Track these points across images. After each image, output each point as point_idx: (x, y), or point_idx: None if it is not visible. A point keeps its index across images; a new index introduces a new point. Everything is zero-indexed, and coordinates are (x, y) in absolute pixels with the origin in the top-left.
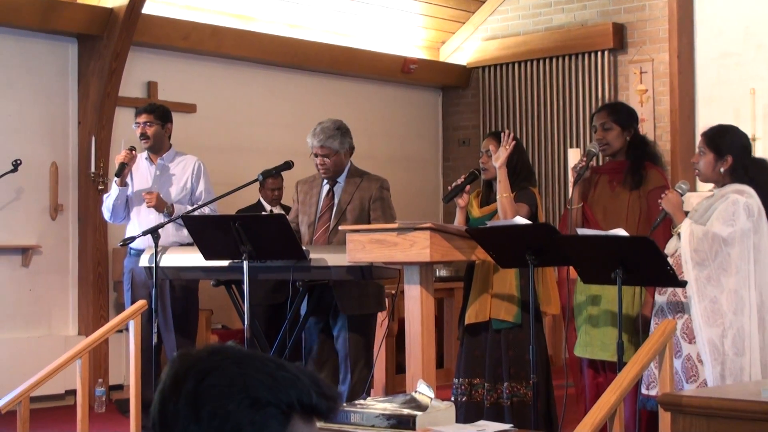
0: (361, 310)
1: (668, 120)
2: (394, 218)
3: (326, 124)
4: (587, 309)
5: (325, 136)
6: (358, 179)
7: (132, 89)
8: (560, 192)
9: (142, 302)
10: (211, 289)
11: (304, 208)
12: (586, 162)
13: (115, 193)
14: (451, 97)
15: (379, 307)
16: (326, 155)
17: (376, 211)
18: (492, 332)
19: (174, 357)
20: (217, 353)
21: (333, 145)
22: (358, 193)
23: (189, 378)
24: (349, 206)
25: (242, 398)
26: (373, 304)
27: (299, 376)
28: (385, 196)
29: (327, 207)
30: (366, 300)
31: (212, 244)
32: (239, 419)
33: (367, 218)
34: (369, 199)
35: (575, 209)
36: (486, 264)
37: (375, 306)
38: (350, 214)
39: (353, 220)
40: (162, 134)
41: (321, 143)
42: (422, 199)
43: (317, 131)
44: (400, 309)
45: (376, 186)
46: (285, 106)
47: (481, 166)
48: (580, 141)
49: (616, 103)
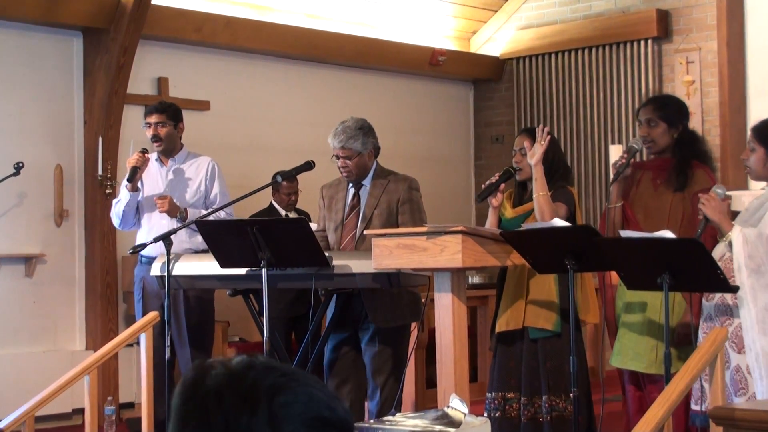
0: (395, 321)
1: (717, 113)
2: (424, 221)
3: (348, 123)
4: (624, 315)
5: (347, 137)
6: (385, 181)
7: (141, 86)
8: (601, 192)
9: (154, 314)
10: (227, 300)
11: (330, 215)
12: (626, 159)
13: (126, 198)
14: (483, 91)
15: (415, 316)
16: (348, 157)
17: (404, 215)
18: (528, 342)
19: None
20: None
21: (355, 146)
22: (385, 195)
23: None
24: (376, 210)
25: (312, 418)
26: (408, 314)
27: (332, 393)
28: (414, 198)
29: (353, 212)
30: (400, 310)
31: (228, 251)
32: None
33: (396, 222)
34: (397, 202)
35: (614, 208)
36: (519, 268)
37: (410, 316)
38: (377, 219)
39: (381, 225)
40: (175, 135)
41: (342, 144)
42: (453, 201)
43: (338, 131)
44: (430, 319)
45: (404, 187)
46: (304, 103)
47: (514, 164)
48: (622, 137)
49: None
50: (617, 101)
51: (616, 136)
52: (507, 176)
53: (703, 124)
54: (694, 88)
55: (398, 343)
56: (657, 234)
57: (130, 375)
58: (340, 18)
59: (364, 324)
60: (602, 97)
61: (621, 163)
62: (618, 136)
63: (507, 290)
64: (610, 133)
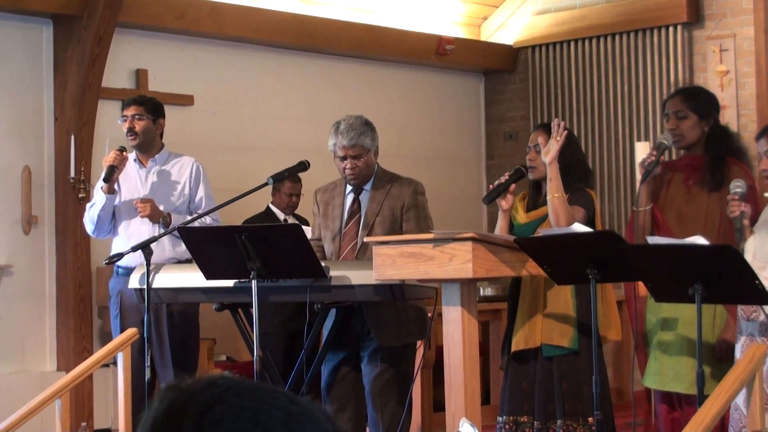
0: (401, 339)
1: (754, 107)
2: (430, 227)
3: (351, 120)
4: (659, 333)
5: (357, 133)
6: (387, 184)
7: (118, 79)
8: (626, 195)
9: (133, 331)
10: (213, 315)
11: (326, 222)
12: (656, 156)
13: (101, 201)
14: (495, 83)
15: (421, 334)
16: (358, 156)
17: (409, 222)
18: (542, 360)
19: (161, 391)
20: (214, 384)
21: (365, 142)
22: (388, 201)
23: (187, 416)
24: (378, 217)
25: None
26: (415, 331)
27: (314, 410)
28: (419, 203)
29: (353, 219)
30: (407, 327)
31: (215, 261)
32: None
33: (400, 230)
34: (401, 208)
35: (642, 211)
36: (536, 280)
37: (417, 333)
38: (380, 227)
39: (383, 233)
40: (153, 131)
41: (352, 142)
42: (462, 205)
43: (343, 129)
44: (437, 335)
45: (409, 191)
46: (298, 97)
47: (528, 163)
48: (649, 133)
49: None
50: (643, 94)
51: (642, 133)
52: (518, 176)
53: (739, 118)
54: (729, 79)
55: (402, 362)
56: (688, 240)
57: (106, 398)
58: (336, 3)
59: (365, 342)
60: (627, 89)
61: (650, 161)
62: (644, 132)
63: (522, 305)
64: (636, 129)
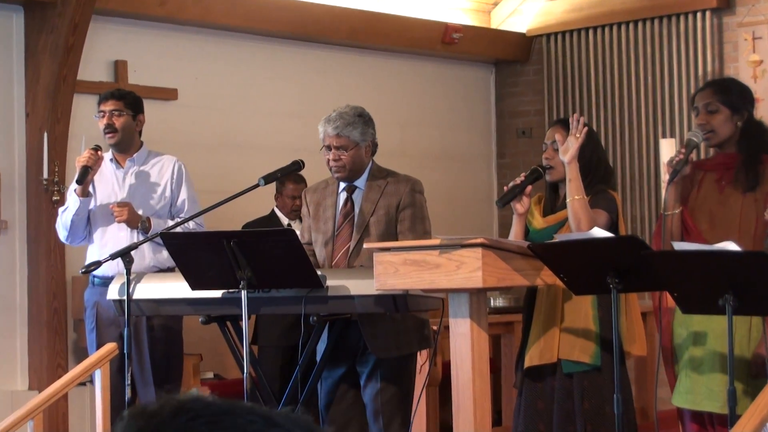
0: (400, 349)
1: None
2: (427, 231)
3: (344, 109)
4: (689, 348)
5: (343, 123)
6: (383, 182)
7: (95, 71)
8: (650, 197)
9: (112, 346)
10: (200, 328)
11: (317, 225)
12: (684, 155)
13: (75, 205)
14: (507, 74)
15: (423, 343)
16: (343, 147)
17: (403, 222)
18: (561, 377)
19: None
20: (183, 411)
21: (353, 134)
22: (384, 200)
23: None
24: (373, 218)
25: None
26: (415, 340)
27: (293, 429)
28: (417, 202)
29: (345, 221)
30: (405, 336)
31: (201, 270)
32: None
33: (395, 233)
34: (396, 207)
35: (671, 215)
36: (553, 289)
37: (416, 343)
38: (375, 228)
39: (379, 235)
40: (133, 127)
41: (337, 131)
42: (471, 207)
43: (332, 117)
44: (444, 350)
45: (406, 189)
46: (292, 91)
47: (544, 162)
48: (675, 129)
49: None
50: (669, 86)
51: (667, 129)
52: (535, 176)
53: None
54: (762, 70)
55: (404, 377)
56: (718, 246)
57: (83, 420)
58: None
59: (362, 356)
60: (650, 81)
61: (678, 160)
62: (670, 128)
63: (538, 316)
64: (661, 125)
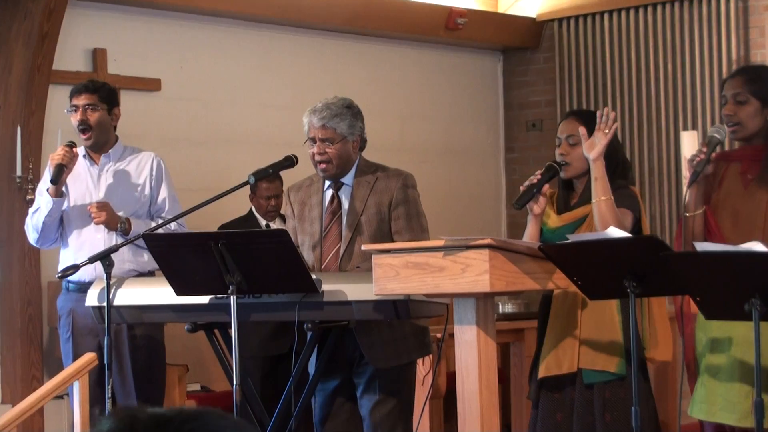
0: (399, 358)
1: None
2: (424, 227)
3: (331, 100)
4: (707, 355)
5: (330, 114)
6: (371, 177)
7: (72, 60)
8: (670, 193)
9: (91, 356)
10: (185, 337)
11: (303, 226)
12: (706, 154)
13: (47, 206)
14: (516, 62)
15: (422, 350)
16: (329, 140)
17: (398, 221)
18: (581, 388)
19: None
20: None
21: (340, 126)
22: (374, 197)
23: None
24: (363, 216)
25: None
26: (414, 347)
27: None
28: (410, 198)
29: (333, 220)
30: (403, 344)
31: (187, 274)
32: None
33: (389, 231)
34: (389, 204)
35: (692, 216)
36: (571, 294)
37: (416, 351)
38: (366, 228)
39: (370, 236)
40: (109, 123)
41: (323, 121)
42: (478, 206)
43: (318, 108)
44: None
45: (398, 184)
46: (284, 81)
47: (559, 158)
48: (697, 121)
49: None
50: (690, 75)
51: (689, 121)
52: (551, 174)
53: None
54: None
55: (404, 387)
56: (744, 247)
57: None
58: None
59: (359, 367)
60: (671, 69)
61: (700, 160)
62: (692, 120)
63: (554, 323)
64: (682, 116)
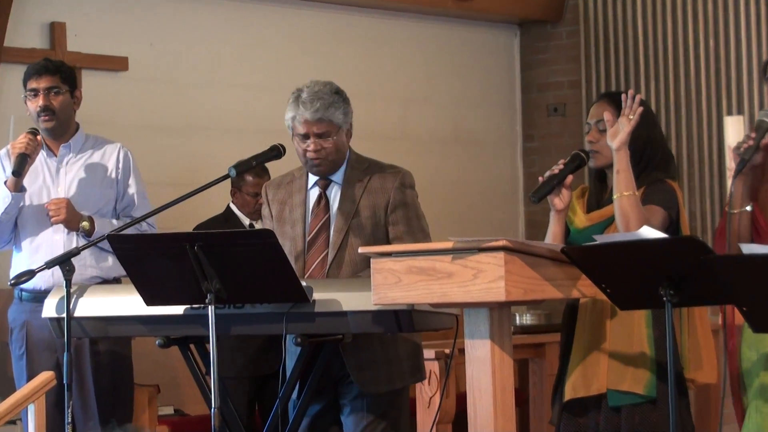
0: (391, 383)
1: None
2: (425, 230)
3: (316, 87)
4: (760, 374)
5: (324, 104)
6: (365, 175)
7: (26, 35)
8: (713, 187)
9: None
10: (157, 353)
11: (282, 229)
12: (755, 140)
13: (5, 201)
14: (535, 38)
15: (416, 375)
16: (326, 134)
17: (397, 225)
18: (607, 412)
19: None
20: None
21: (336, 116)
22: (368, 198)
23: None
24: (355, 221)
25: None
26: (407, 371)
27: None
28: (409, 199)
29: (320, 224)
30: (396, 366)
31: (158, 281)
32: None
33: (385, 236)
34: (385, 207)
35: (737, 214)
36: (599, 304)
37: (409, 375)
38: (359, 234)
39: (363, 242)
40: (71, 108)
41: (318, 115)
42: (491, 202)
43: (306, 98)
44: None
45: (394, 184)
46: (268, 61)
47: (587, 146)
48: (743, 105)
49: None
50: (736, 54)
51: (734, 105)
52: (577, 164)
53: None
54: None
55: (394, 409)
56: None
57: None
58: None
59: (343, 386)
60: (713, 47)
61: (747, 147)
62: (737, 104)
63: (581, 336)
64: (726, 99)
